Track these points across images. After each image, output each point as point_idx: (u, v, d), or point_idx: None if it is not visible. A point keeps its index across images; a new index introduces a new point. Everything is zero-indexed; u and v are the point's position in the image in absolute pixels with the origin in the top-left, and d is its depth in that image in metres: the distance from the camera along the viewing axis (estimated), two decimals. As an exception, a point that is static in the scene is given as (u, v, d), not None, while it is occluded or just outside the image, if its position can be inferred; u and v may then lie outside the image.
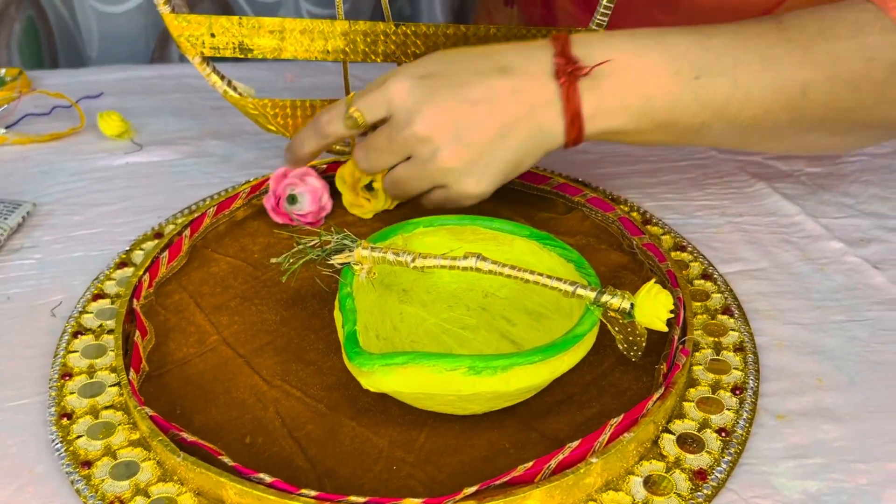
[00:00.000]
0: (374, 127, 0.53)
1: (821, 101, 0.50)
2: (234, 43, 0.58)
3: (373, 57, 0.58)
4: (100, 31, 1.05)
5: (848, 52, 0.49)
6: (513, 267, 0.44)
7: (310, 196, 0.58)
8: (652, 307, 0.41)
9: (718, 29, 0.51)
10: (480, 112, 0.50)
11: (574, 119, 0.50)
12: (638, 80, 0.50)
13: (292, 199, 0.58)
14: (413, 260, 0.45)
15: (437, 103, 0.50)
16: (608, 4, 0.57)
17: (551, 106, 0.50)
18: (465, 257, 0.44)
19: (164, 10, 0.56)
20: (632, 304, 0.42)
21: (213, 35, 0.57)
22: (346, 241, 0.45)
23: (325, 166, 0.61)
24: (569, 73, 0.49)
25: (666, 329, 0.42)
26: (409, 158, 0.52)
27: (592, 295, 0.42)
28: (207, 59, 0.59)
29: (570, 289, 0.43)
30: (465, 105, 0.50)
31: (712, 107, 0.50)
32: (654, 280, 0.43)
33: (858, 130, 0.53)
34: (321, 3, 1.06)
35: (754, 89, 0.50)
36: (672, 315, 0.42)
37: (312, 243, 0.46)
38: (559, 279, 0.43)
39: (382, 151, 0.52)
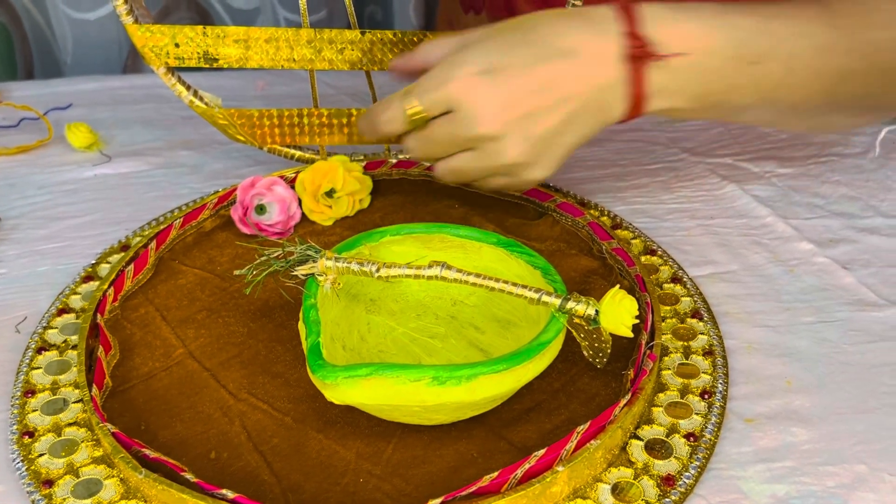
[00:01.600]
0: None
1: (856, 88, 0.52)
2: (198, 53, 0.57)
3: (339, 65, 0.58)
4: (74, 38, 1.04)
5: (885, 42, 0.51)
6: (478, 275, 0.44)
7: (278, 206, 0.58)
8: (617, 313, 0.41)
9: (777, 11, 0.52)
10: (545, 101, 0.49)
11: (637, 102, 0.50)
12: (701, 63, 0.50)
13: (260, 210, 0.58)
14: (377, 270, 0.44)
15: (503, 99, 0.48)
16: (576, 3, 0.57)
17: (616, 88, 0.49)
18: (430, 266, 0.44)
19: (126, 20, 0.56)
20: (597, 311, 0.42)
21: (177, 45, 0.57)
22: (309, 252, 0.45)
23: (293, 175, 0.60)
24: (639, 57, 0.48)
25: (631, 335, 0.42)
26: (470, 150, 0.51)
27: (557, 302, 0.42)
28: (173, 70, 0.59)
29: (536, 296, 0.43)
30: (530, 97, 0.48)
31: (763, 91, 0.52)
32: (618, 286, 0.42)
33: (878, 112, 0.56)
34: (297, 10, 1.05)
35: (803, 76, 0.51)
36: (637, 321, 0.42)
37: (276, 254, 0.45)
38: (525, 286, 0.43)
39: (443, 145, 0.51)
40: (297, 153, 0.63)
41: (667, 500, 0.40)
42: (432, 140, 0.51)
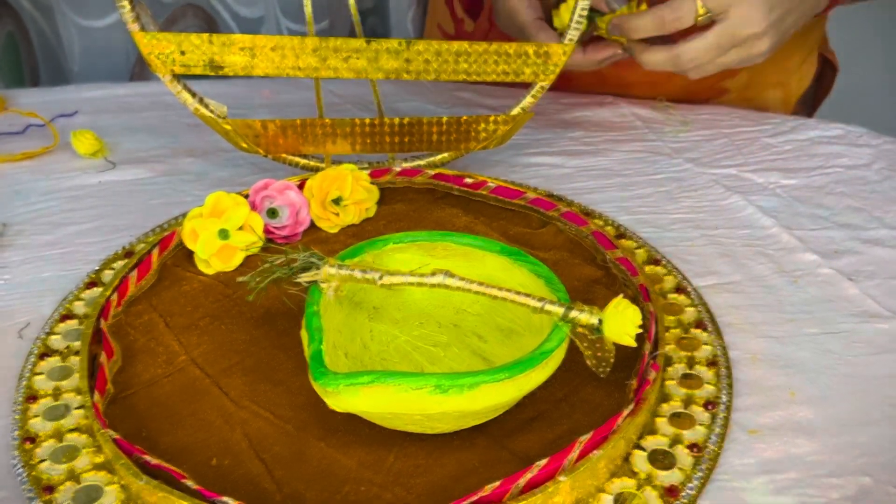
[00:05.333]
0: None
1: None
2: (204, 60, 0.58)
3: (344, 73, 0.58)
4: (81, 46, 1.04)
5: None
6: (481, 283, 0.43)
7: (289, 209, 0.58)
8: (620, 322, 0.41)
9: None
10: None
11: None
12: None
13: (272, 213, 0.57)
14: (380, 277, 0.44)
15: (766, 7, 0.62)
16: (581, 13, 0.57)
17: None
18: (433, 274, 0.44)
19: (133, 28, 0.56)
20: (600, 320, 0.42)
21: (183, 53, 0.57)
22: (313, 259, 0.45)
23: (298, 183, 0.60)
24: None
25: (634, 344, 0.42)
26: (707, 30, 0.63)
27: (560, 311, 0.42)
28: (178, 77, 0.59)
29: (539, 305, 0.43)
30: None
31: None
32: (621, 295, 0.42)
33: None
34: (300, 20, 1.06)
35: None
36: (640, 330, 0.42)
37: (279, 261, 0.45)
38: (528, 295, 0.43)
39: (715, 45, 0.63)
40: (302, 161, 0.63)
41: (669, 511, 0.40)
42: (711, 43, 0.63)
